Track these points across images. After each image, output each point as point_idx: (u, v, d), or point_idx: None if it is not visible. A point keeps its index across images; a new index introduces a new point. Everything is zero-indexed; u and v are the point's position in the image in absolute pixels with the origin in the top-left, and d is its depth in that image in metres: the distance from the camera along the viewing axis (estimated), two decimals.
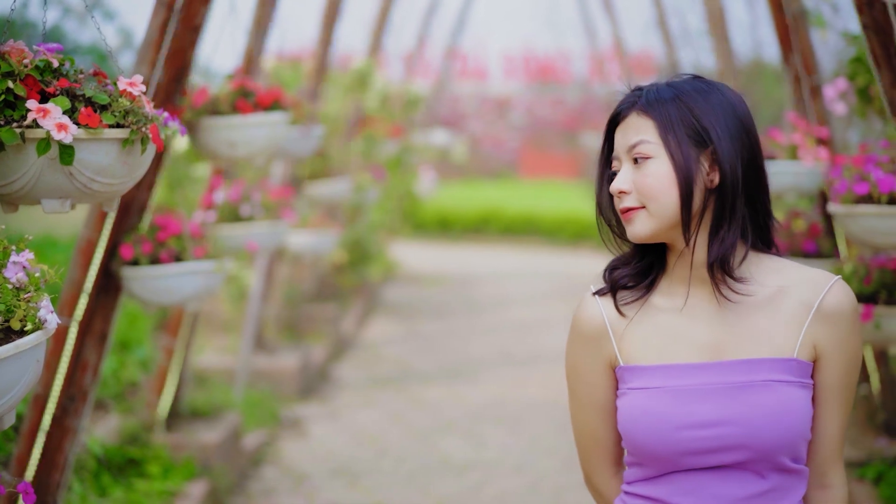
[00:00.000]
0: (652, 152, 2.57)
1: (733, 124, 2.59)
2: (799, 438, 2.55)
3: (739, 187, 2.57)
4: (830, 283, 2.59)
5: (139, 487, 6.33)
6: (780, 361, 2.56)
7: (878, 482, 6.20)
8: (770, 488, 2.57)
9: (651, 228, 2.59)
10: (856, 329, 2.61)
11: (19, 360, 2.50)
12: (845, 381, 2.60)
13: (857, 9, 4.81)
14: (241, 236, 6.69)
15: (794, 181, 6.70)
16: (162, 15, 4.80)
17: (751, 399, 2.55)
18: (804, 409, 2.54)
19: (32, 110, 2.80)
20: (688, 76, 2.67)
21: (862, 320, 5.04)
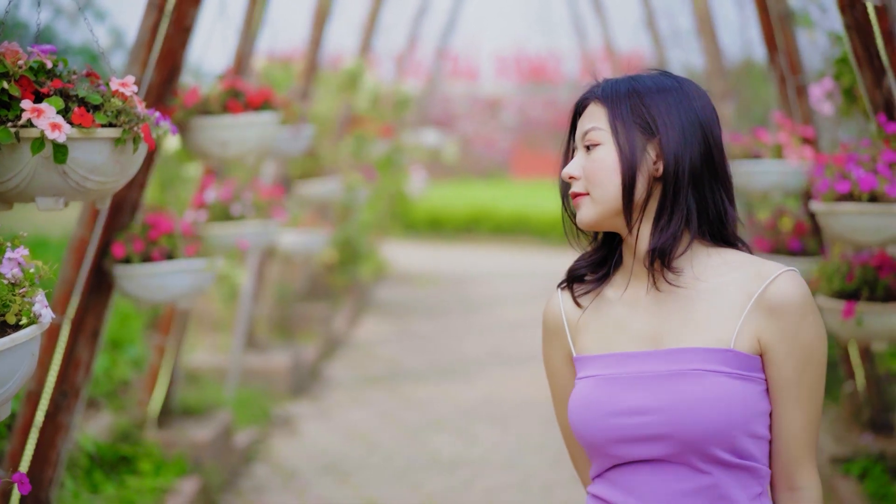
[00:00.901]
0: (601, 139, 2.60)
1: (686, 117, 2.59)
2: (732, 430, 2.50)
3: (685, 179, 2.57)
4: (775, 274, 2.54)
5: (131, 484, 6.37)
6: (716, 352, 2.54)
7: (862, 478, 6.26)
8: (711, 484, 2.54)
9: (595, 214, 2.61)
10: (806, 323, 2.54)
11: (15, 353, 2.56)
12: (800, 378, 2.54)
13: (839, 9, 4.89)
14: (231, 235, 6.73)
15: (779, 180, 6.78)
16: (153, 16, 4.85)
17: (678, 388, 2.53)
18: (739, 401, 2.50)
19: (27, 110, 2.87)
20: (657, 72, 2.69)
21: (843, 317, 5.11)
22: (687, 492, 2.54)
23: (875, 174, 4.64)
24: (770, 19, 6.89)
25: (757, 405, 2.53)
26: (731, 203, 2.65)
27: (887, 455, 6.37)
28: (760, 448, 2.56)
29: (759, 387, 2.54)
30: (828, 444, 6.72)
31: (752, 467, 2.55)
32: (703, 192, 2.60)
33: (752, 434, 2.53)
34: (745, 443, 2.52)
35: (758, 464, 2.55)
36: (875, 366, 6.84)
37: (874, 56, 4.82)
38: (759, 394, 2.54)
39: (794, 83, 6.82)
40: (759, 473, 2.56)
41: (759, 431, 2.54)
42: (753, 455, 2.55)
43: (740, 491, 2.54)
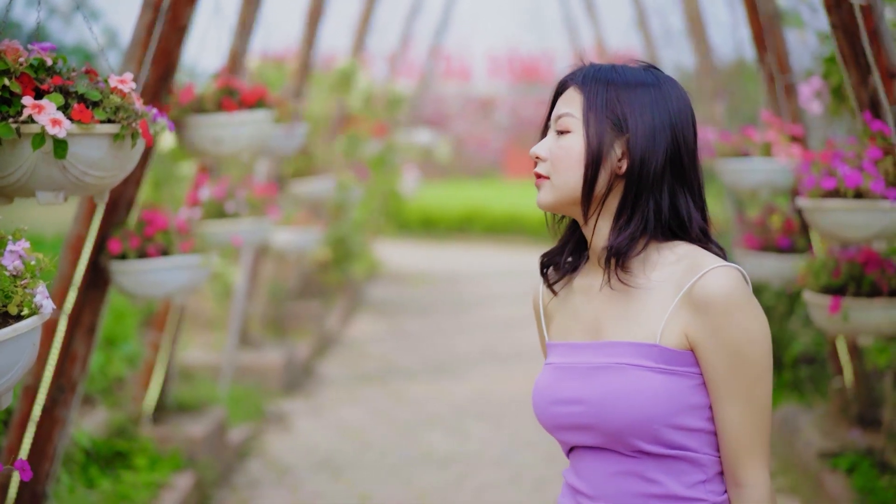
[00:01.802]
0: (572, 127, 2.61)
1: (659, 118, 2.60)
2: (652, 424, 2.52)
3: (648, 181, 2.59)
4: (705, 269, 2.53)
5: (126, 479, 6.43)
6: (642, 346, 2.56)
7: (851, 473, 6.31)
8: (642, 469, 2.57)
9: (552, 199, 2.64)
10: (733, 321, 2.51)
11: (17, 343, 2.62)
12: (731, 376, 2.53)
13: (825, 9, 4.96)
14: (225, 232, 6.79)
15: (767, 178, 6.84)
16: (149, 15, 4.91)
17: (603, 380, 2.57)
18: (661, 395, 2.52)
19: (28, 106, 2.93)
20: (643, 65, 2.69)
21: (830, 312, 5.18)
22: (620, 472, 2.59)
23: (860, 171, 4.70)
24: (759, 19, 6.96)
25: (686, 399, 2.54)
26: (699, 207, 2.66)
27: (875, 450, 6.42)
28: (698, 439, 2.57)
29: (690, 381, 2.55)
30: (816, 438, 6.79)
31: (687, 457, 2.56)
32: (666, 195, 2.61)
33: (681, 427, 2.54)
34: (672, 435, 2.54)
35: (696, 454, 2.57)
36: (863, 361, 6.89)
37: (860, 55, 4.89)
38: (690, 388, 2.55)
39: (783, 82, 6.89)
40: (698, 462, 2.57)
41: (690, 424, 2.55)
42: (687, 446, 2.56)
43: (672, 479, 2.57)
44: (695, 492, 2.57)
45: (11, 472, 4.65)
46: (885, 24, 4.69)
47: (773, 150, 6.73)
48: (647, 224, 2.60)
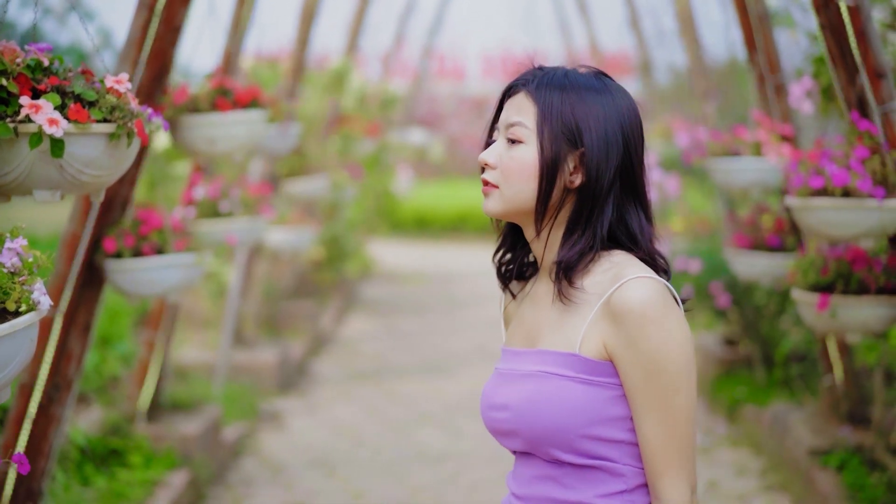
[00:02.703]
0: (525, 138, 2.59)
1: (612, 131, 2.58)
2: (567, 433, 2.52)
3: (601, 193, 2.58)
4: (624, 280, 2.51)
5: (121, 477, 6.46)
6: (562, 355, 2.56)
7: (841, 470, 6.36)
8: (562, 474, 2.57)
9: (501, 210, 2.64)
10: (647, 332, 2.49)
11: (15, 338, 2.67)
12: (647, 388, 2.50)
13: (814, 9, 5.01)
14: (220, 232, 6.83)
15: (757, 177, 6.89)
16: (144, 16, 4.95)
17: (527, 388, 2.58)
18: (578, 405, 2.51)
19: (25, 106, 2.98)
20: (592, 71, 2.67)
21: (818, 310, 5.23)
22: (541, 476, 2.60)
23: (848, 170, 4.76)
24: (749, 19, 7.01)
25: (605, 410, 2.53)
26: (649, 219, 2.66)
27: (865, 447, 6.47)
28: (619, 450, 2.56)
29: (609, 392, 2.54)
30: (807, 436, 6.83)
31: (606, 467, 2.55)
32: (617, 209, 2.61)
33: (599, 438, 2.54)
34: (589, 445, 2.54)
35: (615, 464, 2.56)
36: (853, 359, 6.94)
37: (847, 55, 4.94)
38: (609, 399, 2.54)
39: (773, 82, 6.94)
40: (617, 473, 2.56)
41: (610, 435, 2.55)
42: (606, 456, 2.55)
43: (589, 488, 2.56)
44: (611, 501, 2.56)
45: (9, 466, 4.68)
46: (873, 24, 4.74)
47: (764, 149, 6.78)
48: (596, 238, 2.59)
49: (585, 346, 2.54)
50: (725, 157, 6.97)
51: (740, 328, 9.26)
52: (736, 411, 8.53)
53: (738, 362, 9.29)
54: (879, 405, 6.42)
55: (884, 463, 6.14)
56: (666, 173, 11.93)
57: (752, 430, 8.02)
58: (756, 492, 7.09)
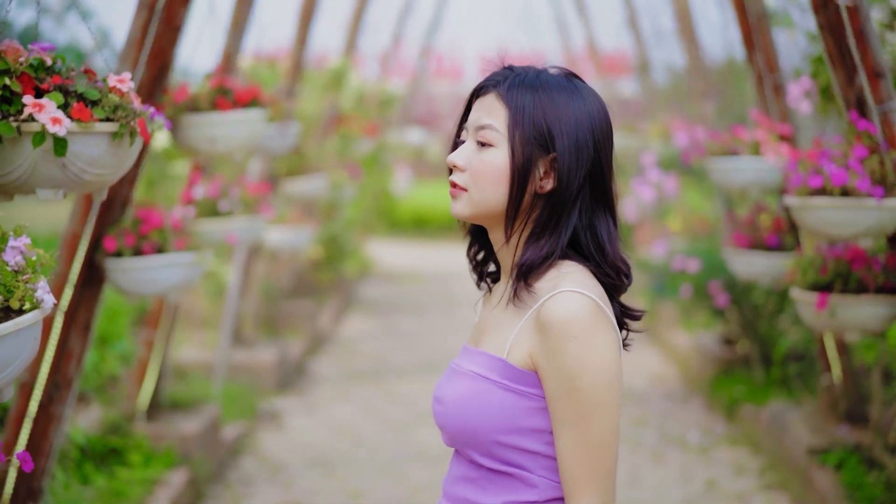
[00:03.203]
0: (495, 141, 2.55)
1: (583, 137, 2.55)
2: (483, 437, 2.51)
3: (570, 200, 2.54)
4: (555, 292, 2.47)
5: (121, 475, 6.47)
6: (493, 359, 2.53)
7: (839, 469, 6.37)
8: (479, 477, 2.56)
9: (470, 213, 2.60)
10: (567, 347, 2.44)
11: (19, 336, 2.67)
12: (565, 404, 2.46)
13: (813, 10, 5.03)
14: (219, 231, 6.83)
15: (756, 177, 6.91)
16: (144, 15, 4.96)
17: (457, 386, 2.57)
18: (497, 411, 2.49)
19: (28, 105, 2.98)
20: (563, 72, 2.63)
21: (817, 309, 5.24)
22: (461, 477, 2.60)
23: (847, 169, 4.77)
24: (748, 19, 7.03)
25: (523, 420, 2.51)
26: (616, 224, 2.62)
27: (863, 446, 6.48)
28: (535, 461, 2.53)
29: (531, 403, 2.51)
30: (805, 435, 6.85)
31: (520, 475, 2.53)
32: (585, 216, 2.57)
33: (514, 446, 2.51)
34: (504, 452, 2.52)
35: (530, 474, 2.53)
36: (851, 358, 6.96)
37: (846, 55, 4.96)
38: (529, 409, 2.51)
39: (772, 81, 6.95)
40: (530, 483, 2.53)
41: (525, 445, 2.52)
42: (521, 465, 2.53)
43: (499, 494, 2.54)
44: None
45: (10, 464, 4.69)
46: (871, 24, 4.76)
47: (763, 149, 6.79)
48: (559, 243, 2.56)
49: (513, 354, 2.52)
50: (724, 157, 6.98)
51: (738, 327, 9.28)
52: (734, 410, 8.54)
53: (736, 361, 9.30)
54: (878, 404, 6.43)
55: (882, 462, 6.15)
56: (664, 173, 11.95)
57: (750, 430, 8.04)
58: (755, 491, 7.11)
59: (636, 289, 13.30)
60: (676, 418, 8.95)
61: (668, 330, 11.42)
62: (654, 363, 10.99)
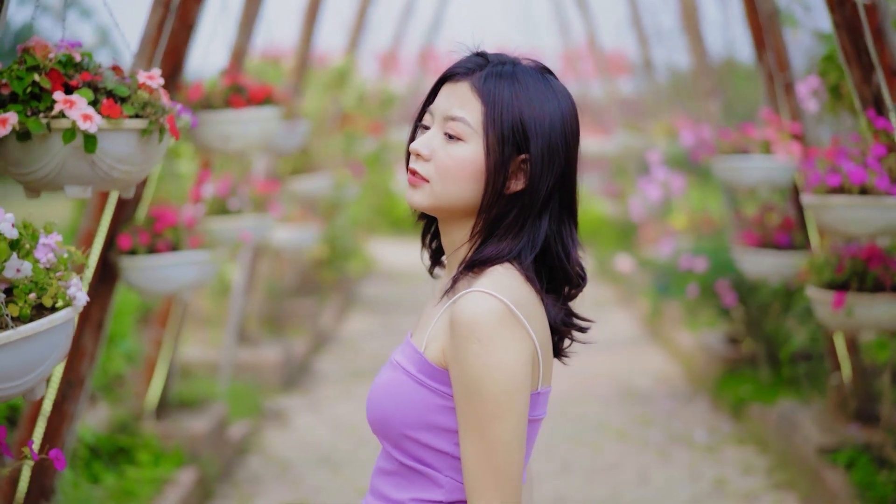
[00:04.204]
0: (466, 136, 2.46)
1: (555, 139, 2.47)
2: (392, 429, 2.47)
3: (538, 203, 2.47)
4: (467, 290, 2.41)
5: (130, 475, 6.46)
6: (414, 351, 2.49)
7: (849, 468, 6.37)
8: (392, 471, 2.52)
9: (429, 205, 2.50)
10: (469, 350, 2.36)
11: (52, 334, 2.66)
12: (466, 405, 2.38)
13: (828, 8, 5.01)
14: (229, 229, 6.82)
15: (766, 175, 6.90)
16: (159, 13, 4.94)
17: (383, 374, 2.54)
18: (408, 405, 2.45)
19: (59, 101, 2.97)
20: (536, 66, 2.54)
21: (834, 308, 5.23)
22: (380, 470, 2.56)
23: (865, 168, 4.76)
24: (758, 18, 7.01)
25: (431, 417, 2.45)
26: (576, 229, 2.56)
27: (873, 445, 6.48)
28: (443, 460, 2.48)
29: (441, 401, 2.45)
30: (815, 434, 6.84)
31: (427, 473, 2.49)
32: (556, 222, 2.51)
33: (422, 443, 2.47)
34: (412, 447, 2.48)
35: (437, 473, 2.49)
36: (861, 357, 6.95)
37: (863, 53, 4.94)
38: (438, 407, 2.45)
39: (783, 80, 6.94)
40: (437, 482, 2.49)
41: (433, 443, 2.47)
42: (428, 463, 2.49)
43: (407, 489, 2.51)
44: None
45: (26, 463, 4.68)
46: (889, 22, 4.75)
47: (773, 147, 6.78)
48: (519, 246, 2.48)
49: (430, 349, 2.46)
50: (734, 156, 6.97)
51: (744, 327, 9.27)
52: (741, 409, 8.53)
53: (742, 361, 9.30)
54: (888, 403, 6.43)
55: (893, 461, 6.15)
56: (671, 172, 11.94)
57: (757, 429, 8.03)
58: (763, 490, 7.10)
59: (640, 288, 13.31)
60: (682, 417, 8.94)
61: (671, 329, 11.41)
62: (658, 362, 10.98)
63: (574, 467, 7.68)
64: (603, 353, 11.19)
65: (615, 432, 8.56)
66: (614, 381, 10.16)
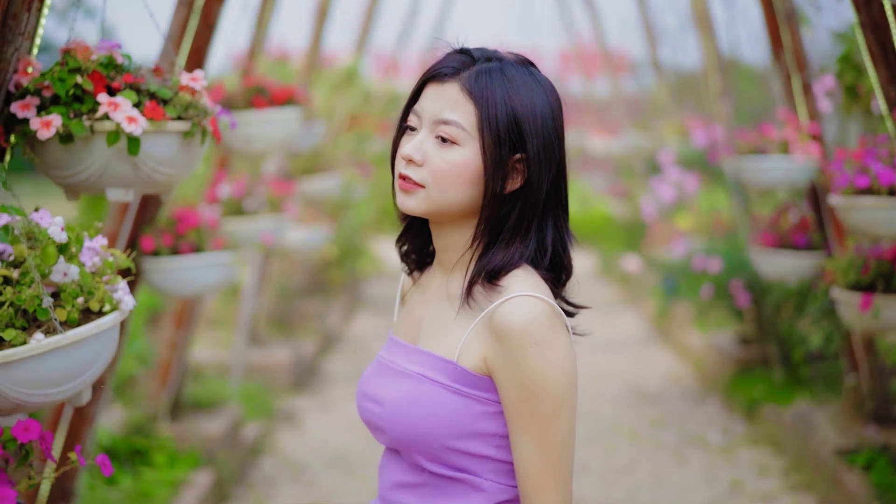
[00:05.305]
0: (462, 140, 2.42)
1: (549, 135, 2.45)
2: (432, 442, 2.42)
3: (539, 203, 2.46)
4: (509, 296, 2.38)
5: (146, 476, 6.44)
6: (442, 361, 2.44)
7: (868, 469, 6.35)
8: (421, 483, 2.48)
9: (424, 209, 2.46)
10: (528, 354, 2.35)
11: (100, 338, 2.64)
12: (523, 409, 2.38)
13: (854, 7, 4.97)
14: (245, 230, 6.80)
15: (785, 176, 6.87)
16: (183, 13, 4.92)
17: (401, 386, 2.47)
18: (447, 415, 2.41)
19: (104, 104, 2.94)
20: (518, 60, 2.50)
21: (860, 310, 5.20)
22: (400, 484, 2.51)
23: (894, 169, 4.74)
24: (775, 17, 6.99)
25: (475, 424, 2.43)
26: (568, 231, 2.54)
27: (892, 446, 6.46)
28: (483, 465, 2.45)
29: (483, 407, 2.43)
30: (832, 435, 6.82)
31: (468, 480, 2.46)
32: (551, 222, 2.49)
33: (465, 451, 2.44)
34: (454, 457, 2.44)
35: (478, 478, 2.46)
36: (878, 358, 6.93)
37: (890, 53, 4.91)
38: (481, 414, 2.43)
39: (801, 80, 6.92)
40: (479, 487, 2.46)
41: (476, 450, 2.44)
42: (470, 470, 2.46)
43: (448, 500, 2.47)
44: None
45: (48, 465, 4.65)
46: None
47: (791, 147, 6.76)
48: (529, 248, 2.47)
49: (464, 357, 2.43)
50: (752, 156, 6.94)
51: (757, 327, 9.25)
52: (754, 410, 8.51)
53: (754, 361, 9.28)
54: None
55: None
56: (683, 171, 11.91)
57: (772, 430, 8.01)
58: (780, 491, 7.08)
59: (648, 288, 13.29)
60: (695, 418, 8.92)
61: (680, 330, 11.39)
62: (668, 363, 10.96)
63: (589, 468, 7.66)
64: (612, 353, 11.17)
65: (628, 433, 8.54)
66: (624, 382, 10.14)
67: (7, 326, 2.56)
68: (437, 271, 2.59)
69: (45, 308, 2.57)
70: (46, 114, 2.96)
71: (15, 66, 3.11)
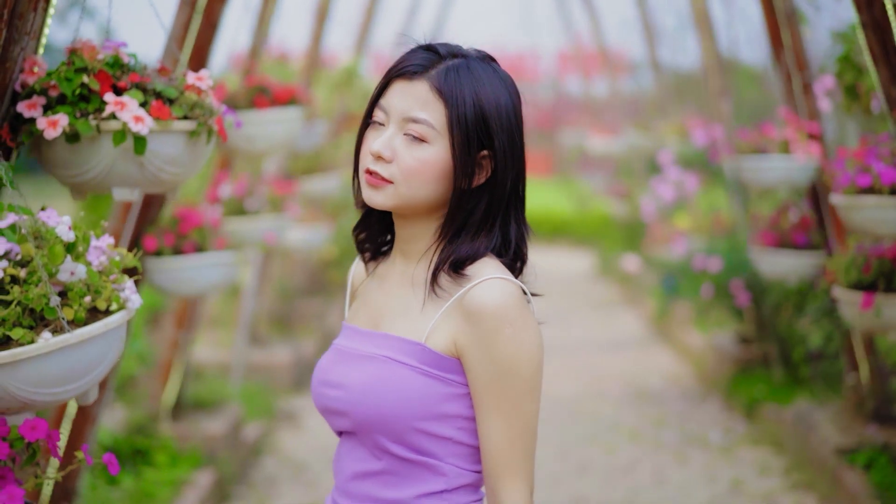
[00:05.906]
0: (430, 138, 2.45)
1: (513, 131, 2.50)
2: (398, 424, 2.44)
3: (505, 198, 2.51)
4: (480, 279, 2.43)
5: (148, 476, 6.44)
6: (408, 343, 2.47)
7: (868, 468, 6.36)
8: (381, 470, 2.50)
9: (393, 205, 2.49)
10: (501, 334, 2.41)
11: (106, 338, 2.65)
12: (495, 389, 2.42)
13: (855, 7, 4.97)
14: (246, 230, 6.80)
15: (785, 175, 6.88)
16: (186, 12, 4.92)
17: (366, 370, 2.48)
18: (415, 397, 2.44)
19: (110, 103, 2.95)
20: (481, 55, 2.54)
21: (862, 308, 5.21)
22: (359, 474, 2.53)
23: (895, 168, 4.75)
24: (775, 17, 7.00)
25: (440, 406, 2.46)
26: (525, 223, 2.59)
27: (892, 445, 6.47)
28: (444, 448, 2.49)
29: (449, 389, 2.47)
30: (832, 435, 6.83)
31: (429, 464, 2.49)
32: (513, 215, 2.55)
33: (429, 433, 2.47)
34: (418, 439, 2.47)
35: (440, 462, 2.49)
36: (878, 357, 6.94)
37: (891, 52, 4.92)
38: (447, 396, 2.46)
39: (801, 80, 6.92)
40: (439, 471, 2.50)
41: (439, 431, 2.47)
42: (431, 453, 2.49)
43: (408, 486, 2.50)
44: (430, 500, 2.50)
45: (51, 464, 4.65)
46: None
47: (792, 147, 6.77)
48: (493, 240, 2.52)
49: (433, 339, 2.46)
50: (753, 156, 6.95)
51: (756, 327, 9.26)
52: (754, 410, 8.52)
53: (753, 361, 9.28)
54: None
55: None
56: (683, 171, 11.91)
57: (773, 429, 8.01)
58: (781, 490, 7.09)
59: (647, 288, 13.30)
60: (695, 418, 8.93)
61: (679, 329, 11.40)
62: (667, 363, 10.97)
63: (590, 468, 7.67)
64: (612, 353, 11.18)
65: (629, 433, 8.55)
66: (624, 382, 10.15)
67: (15, 325, 2.57)
68: (397, 260, 2.62)
69: (53, 307, 2.58)
70: (53, 113, 2.97)
71: (21, 65, 3.12)
